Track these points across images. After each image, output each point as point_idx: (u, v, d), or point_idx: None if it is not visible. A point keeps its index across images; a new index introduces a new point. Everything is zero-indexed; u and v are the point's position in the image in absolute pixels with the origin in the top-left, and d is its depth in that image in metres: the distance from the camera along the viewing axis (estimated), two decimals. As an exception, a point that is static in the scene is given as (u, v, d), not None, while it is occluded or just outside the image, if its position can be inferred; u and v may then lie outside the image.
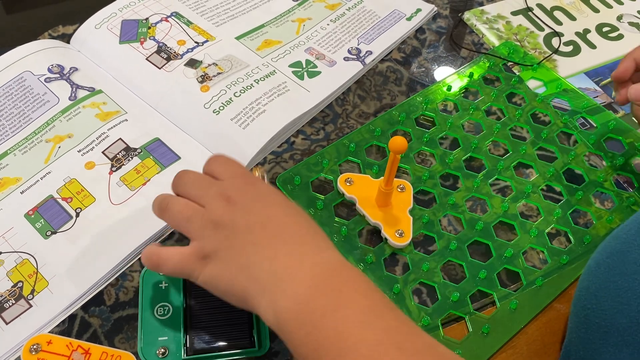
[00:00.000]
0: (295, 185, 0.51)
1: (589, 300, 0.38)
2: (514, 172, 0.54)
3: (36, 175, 0.51)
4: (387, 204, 0.50)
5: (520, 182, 0.54)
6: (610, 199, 0.53)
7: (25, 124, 0.54)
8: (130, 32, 0.61)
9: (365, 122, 0.58)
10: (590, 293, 0.38)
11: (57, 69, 0.57)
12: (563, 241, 0.50)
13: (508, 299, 0.46)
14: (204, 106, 0.55)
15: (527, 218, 0.51)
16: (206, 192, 0.39)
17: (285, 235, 0.37)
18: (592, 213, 0.52)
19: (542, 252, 0.49)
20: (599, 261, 0.39)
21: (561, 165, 0.55)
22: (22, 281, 0.45)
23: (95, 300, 0.45)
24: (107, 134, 0.53)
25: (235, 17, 0.65)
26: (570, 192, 0.53)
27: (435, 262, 0.48)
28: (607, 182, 0.54)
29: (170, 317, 0.43)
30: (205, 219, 0.38)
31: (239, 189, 0.39)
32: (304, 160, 0.54)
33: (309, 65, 0.61)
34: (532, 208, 0.52)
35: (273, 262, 0.35)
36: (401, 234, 0.48)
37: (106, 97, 0.56)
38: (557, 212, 0.52)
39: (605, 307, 0.36)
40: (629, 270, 0.36)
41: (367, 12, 0.67)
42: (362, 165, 0.54)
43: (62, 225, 0.48)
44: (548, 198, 0.53)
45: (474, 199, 0.52)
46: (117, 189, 0.50)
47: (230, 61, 0.59)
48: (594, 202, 0.53)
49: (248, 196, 0.38)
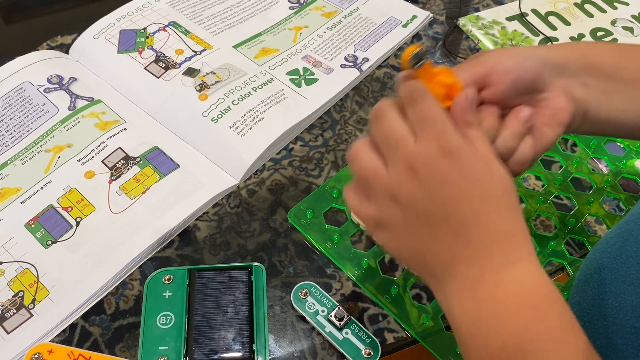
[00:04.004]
0: (308, 219, 0.51)
1: (581, 318, 0.36)
2: (521, 182, 0.55)
3: (36, 185, 0.51)
4: None
5: (529, 194, 0.54)
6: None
7: (25, 135, 0.54)
8: (128, 41, 0.62)
9: (364, 128, 0.58)
10: (582, 309, 0.37)
11: (56, 80, 0.58)
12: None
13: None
14: (203, 114, 0.55)
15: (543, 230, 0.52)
16: (393, 152, 0.33)
17: (469, 237, 0.31)
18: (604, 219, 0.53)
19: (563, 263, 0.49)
20: (587, 276, 0.38)
21: (566, 172, 0.56)
22: (23, 291, 0.45)
23: (96, 309, 0.45)
24: (107, 143, 0.53)
25: (233, 26, 0.65)
26: (579, 199, 0.54)
27: None
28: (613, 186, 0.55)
29: (172, 326, 0.43)
30: (384, 185, 0.33)
31: (430, 162, 0.32)
32: (314, 191, 0.53)
33: (306, 72, 0.61)
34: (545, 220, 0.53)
35: (449, 266, 0.31)
36: None
37: (105, 106, 0.57)
38: (571, 221, 0.52)
39: (599, 326, 0.35)
40: (617, 289, 0.35)
41: (364, 19, 0.68)
42: None
43: (63, 235, 0.48)
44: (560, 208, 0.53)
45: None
46: (116, 198, 0.50)
47: (228, 69, 0.60)
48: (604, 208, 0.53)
49: (437, 175, 0.32)
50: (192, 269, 0.46)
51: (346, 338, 0.44)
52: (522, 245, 0.31)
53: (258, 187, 0.54)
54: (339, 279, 0.48)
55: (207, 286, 0.45)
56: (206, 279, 0.45)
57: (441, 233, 0.32)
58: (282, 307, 0.46)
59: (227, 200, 0.53)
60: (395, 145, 0.33)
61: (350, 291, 0.47)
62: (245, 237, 0.50)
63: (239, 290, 0.45)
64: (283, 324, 0.45)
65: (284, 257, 0.49)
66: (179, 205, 0.50)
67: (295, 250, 0.50)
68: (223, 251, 0.49)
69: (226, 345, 0.42)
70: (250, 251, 0.49)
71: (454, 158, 0.32)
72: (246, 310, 0.44)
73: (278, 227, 0.51)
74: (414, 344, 0.45)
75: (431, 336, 0.44)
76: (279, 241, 0.50)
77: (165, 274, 0.46)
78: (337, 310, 0.44)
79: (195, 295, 0.44)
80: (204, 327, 0.43)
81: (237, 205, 0.52)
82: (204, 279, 0.45)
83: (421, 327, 0.45)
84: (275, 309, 0.46)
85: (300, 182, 0.54)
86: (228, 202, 0.53)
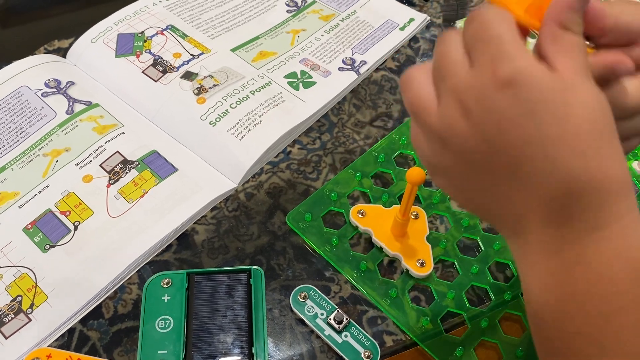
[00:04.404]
0: (307, 222, 0.50)
1: None
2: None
3: (34, 189, 0.51)
4: (403, 234, 0.49)
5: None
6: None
7: (22, 139, 0.54)
8: (126, 45, 0.62)
9: (362, 131, 0.58)
10: None
11: (53, 84, 0.58)
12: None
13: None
14: (201, 118, 0.55)
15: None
16: (443, 83, 0.27)
17: (544, 192, 0.25)
18: None
19: None
20: None
21: None
22: (21, 295, 0.45)
23: (94, 313, 0.45)
24: (105, 147, 0.53)
25: (231, 29, 0.66)
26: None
27: (459, 289, 0.47)
28: None
29: (171, 330, 0.43)
30: (434, 124, 0.28)
31: (483, 96, 0.26)
32: (312, 194, 0.52)
33: (304, 75, 0.61)
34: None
35: (518, 224, 0.27)
36: (422, 263, 0.47)
37: (103, 110, 0.57)
38: None
39: None
40: None
41: (361, 22, 0.68)
42: (371, 196, 0.53)
43: (61, 239, 0.48)
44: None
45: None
46: (115, 202, 0.50)
47: (226, 73, 0.60)
48: None
49: (494, 114, 0.25)
50: (190, 273, 0.46)
51: (345, 341, 0.44)
52: (616, 198, 0.24)
53: (256, 190, 0.54)
54: (338, 281, 0.48)
55: (205, 290, 0.45)
56: (205, 282, 0.45)
57: (506, 187, 0.26)
58: (281, 311, 0.46)
59: (226, 204, 0.53)
60: (445, 73, 0.27)
61: (349, 294, 0.47)
62: (244, 241, 0.50)
63: (237, 293, 0.45)
64: (282, 327, 0.45)
65: (283, 260, 0.49)
66: (177, 209, 0.50)
67: (294, 254, 0.49)
68: (222, 255, 0.49)
69: (225, 349, 0.42)
70: (248, 254, 0.49)
71: (515, 88, 0.25)
72: (245, 313, 0.44)
73: (276, 230, 0.51)
74: (413, 346, 0.45)
75: (430, 339, 0.44)
76: (278, 244, 0.50)
77: (164, 278, 0.46)
78: (336, 313, 0.44)
79: (194, 299, 0.44)
80: (203, 331, 0.43)
81: (235, 209, 0.52)
82: (203, 282, 0.45)
83: (420, 330, 0.45)
84: (274, 312, 0.46)
85: (298, 185, 0.54)
86: (226, 206, 0.52)
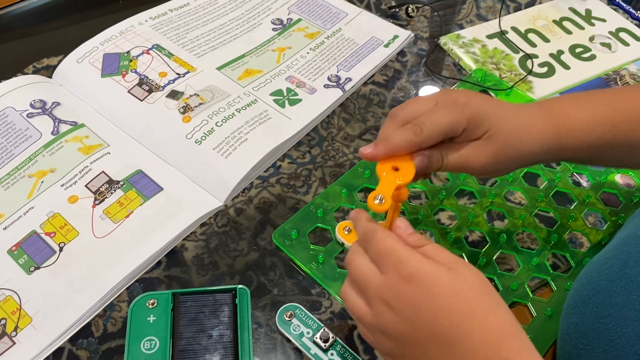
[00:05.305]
0: (293, 239, 0.51)
1: (580, 340, 0.37)
2: (505, 200, 0.55)
3: (19, 210, 0.51)
4: None
5: (510, 210, 0.54)
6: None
7: (7, 160, 0.54)
8: (111, 65, 0.62)
9: (351, 145, 0.58)
10: (581, 332, 0.37)
11: (39, 104, 0.58)
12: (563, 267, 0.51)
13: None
14: (186, 136, 0.55)
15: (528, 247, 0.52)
16: (367, 291, 0.35)
17: (458, 349, 0.32)
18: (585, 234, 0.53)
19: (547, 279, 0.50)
20: (584, 297, 0.38)
21: (548, 188, 0.56)
22: (5, 318, 0.45)
23: (83, 332, 0.45)
24: (90, 167, 0.53)
25: (216, 48, 0.66)
26: (562, 215, 0.54)
27: None
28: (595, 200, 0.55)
29: (157, 351, 0.43)
30: (372, 324, 0.35)
31: (396, 292, 0.34)
32: (298, 211, 0.53)
33: (289, 93, 0.61)
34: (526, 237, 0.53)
35: None
36: None
37: (89, 130, 0.57)
38: (554, 236, 0.52)
39: (599, 350, 0.36)
40: (619, 314, 0.35)
41: (346, 40, 0.69)
42: None
43: (46, 260, 0.48)
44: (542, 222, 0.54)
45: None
46: (100, 222, 0.50)
47: (212, 91, 0.60)
48: (586, 223, 0.54)
49: (408, 302, 0.33)
50: (175, 293, 0.45)
51: (332, 359, 0.43)
52: (512, 340, 0.32)
53: (246, 205, 0.54)
54: (329, 296, 0.48)
55: (191, 310, 0.44)
56: (190, 302, 0.45)
57: (433, 352, 0.33)
58: (267, 329, 0.46)
59: (215, 220, 0.53)
60: (365, 285, 0.35)
61: (340, 308, 0.47)
62: (234, 257, 0.50)
63: (223, 313, 0.44)
64: (268, 346, 0.45)
65: (273, 275, 0.49)
66: (163, 228, 0.50)
67: (284, 269, 0.50)
68: (211, 271, 0.49)
69: (211, 370, 0.42)
70: (238, 271, 0.49)
71: (415, 281, 0.33)
72: (231, 333, 0.44)
73: (266, 246, 0.51)
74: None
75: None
76: (267, 260, 0.50)
77: (149, 299, 0.45)
78: (322, 332, 0.44)
79: (180, 320, 0.44)
80: (188, 351, 0.43)
81: (225, 224, 0.52)
82: (188, 302, 0.45)
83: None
84: (260, 331, 0.46)
85: (288, 199, 0.55)
86: (216, 222, 0.53)
